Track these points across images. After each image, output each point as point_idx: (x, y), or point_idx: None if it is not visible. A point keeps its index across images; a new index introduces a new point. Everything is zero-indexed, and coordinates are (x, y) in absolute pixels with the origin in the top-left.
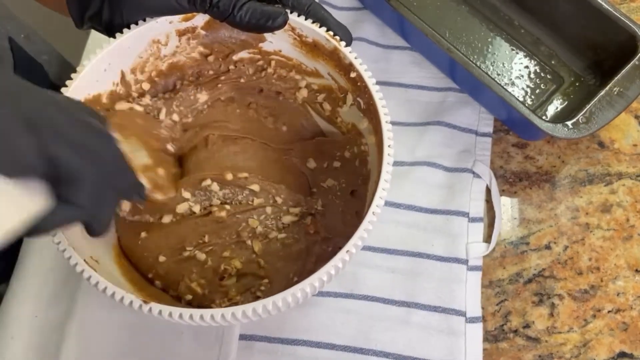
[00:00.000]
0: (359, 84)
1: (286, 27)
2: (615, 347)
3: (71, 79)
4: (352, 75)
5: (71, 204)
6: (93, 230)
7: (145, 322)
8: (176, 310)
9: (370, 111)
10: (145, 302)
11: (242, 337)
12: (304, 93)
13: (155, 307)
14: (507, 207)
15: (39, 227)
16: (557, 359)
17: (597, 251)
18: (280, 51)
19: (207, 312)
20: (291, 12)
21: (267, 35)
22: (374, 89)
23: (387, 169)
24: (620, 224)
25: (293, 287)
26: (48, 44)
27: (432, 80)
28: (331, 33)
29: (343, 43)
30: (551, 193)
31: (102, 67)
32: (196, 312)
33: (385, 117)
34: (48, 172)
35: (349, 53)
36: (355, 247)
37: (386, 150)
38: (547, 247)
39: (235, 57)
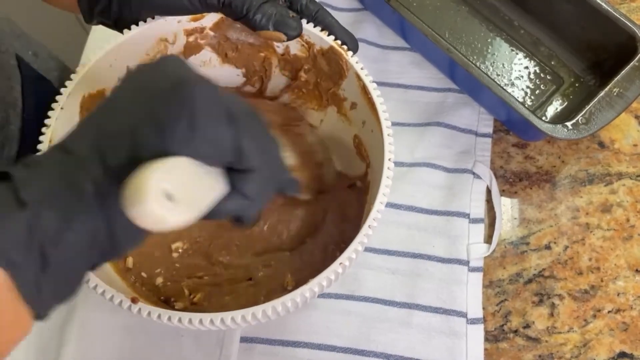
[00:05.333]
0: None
1: None
2: (616, 347)
3: (76, 72)
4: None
5: (241, 194)
6: (244, 222)
7: (145, 325)
8: (165, 313)
9: (373, 121)
10: (134, 302)
11: (243, 339)
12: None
13: (145, 308)
14: (507, 207)
15: (212, 213)
16: (557, 359)
17: (597, 251)
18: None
19: (206, 317)
20: (300, 18)
21: None
22: (378, 101)
23: (387, 174)
24: (620, 224)
25: (292, 292)
26: (58, 59)
27: (432, 81)
28: (339, 42)
29: (350, 53)
30: (551, 193)
31: (108, 63)
32: (195, 317)
33: (387, 130)
34: (232, 161)
35: (355, 63)
36: (355, 252)
37: (387, 156)
38: (547, 247)
39: None
